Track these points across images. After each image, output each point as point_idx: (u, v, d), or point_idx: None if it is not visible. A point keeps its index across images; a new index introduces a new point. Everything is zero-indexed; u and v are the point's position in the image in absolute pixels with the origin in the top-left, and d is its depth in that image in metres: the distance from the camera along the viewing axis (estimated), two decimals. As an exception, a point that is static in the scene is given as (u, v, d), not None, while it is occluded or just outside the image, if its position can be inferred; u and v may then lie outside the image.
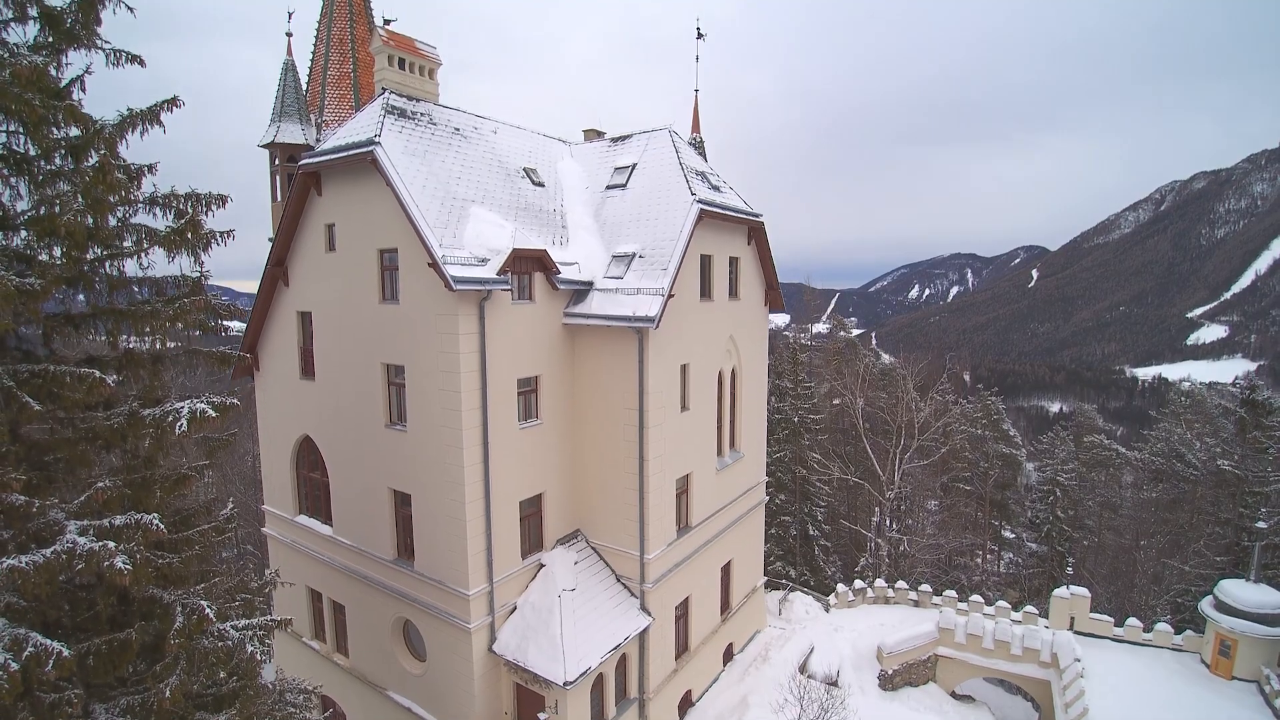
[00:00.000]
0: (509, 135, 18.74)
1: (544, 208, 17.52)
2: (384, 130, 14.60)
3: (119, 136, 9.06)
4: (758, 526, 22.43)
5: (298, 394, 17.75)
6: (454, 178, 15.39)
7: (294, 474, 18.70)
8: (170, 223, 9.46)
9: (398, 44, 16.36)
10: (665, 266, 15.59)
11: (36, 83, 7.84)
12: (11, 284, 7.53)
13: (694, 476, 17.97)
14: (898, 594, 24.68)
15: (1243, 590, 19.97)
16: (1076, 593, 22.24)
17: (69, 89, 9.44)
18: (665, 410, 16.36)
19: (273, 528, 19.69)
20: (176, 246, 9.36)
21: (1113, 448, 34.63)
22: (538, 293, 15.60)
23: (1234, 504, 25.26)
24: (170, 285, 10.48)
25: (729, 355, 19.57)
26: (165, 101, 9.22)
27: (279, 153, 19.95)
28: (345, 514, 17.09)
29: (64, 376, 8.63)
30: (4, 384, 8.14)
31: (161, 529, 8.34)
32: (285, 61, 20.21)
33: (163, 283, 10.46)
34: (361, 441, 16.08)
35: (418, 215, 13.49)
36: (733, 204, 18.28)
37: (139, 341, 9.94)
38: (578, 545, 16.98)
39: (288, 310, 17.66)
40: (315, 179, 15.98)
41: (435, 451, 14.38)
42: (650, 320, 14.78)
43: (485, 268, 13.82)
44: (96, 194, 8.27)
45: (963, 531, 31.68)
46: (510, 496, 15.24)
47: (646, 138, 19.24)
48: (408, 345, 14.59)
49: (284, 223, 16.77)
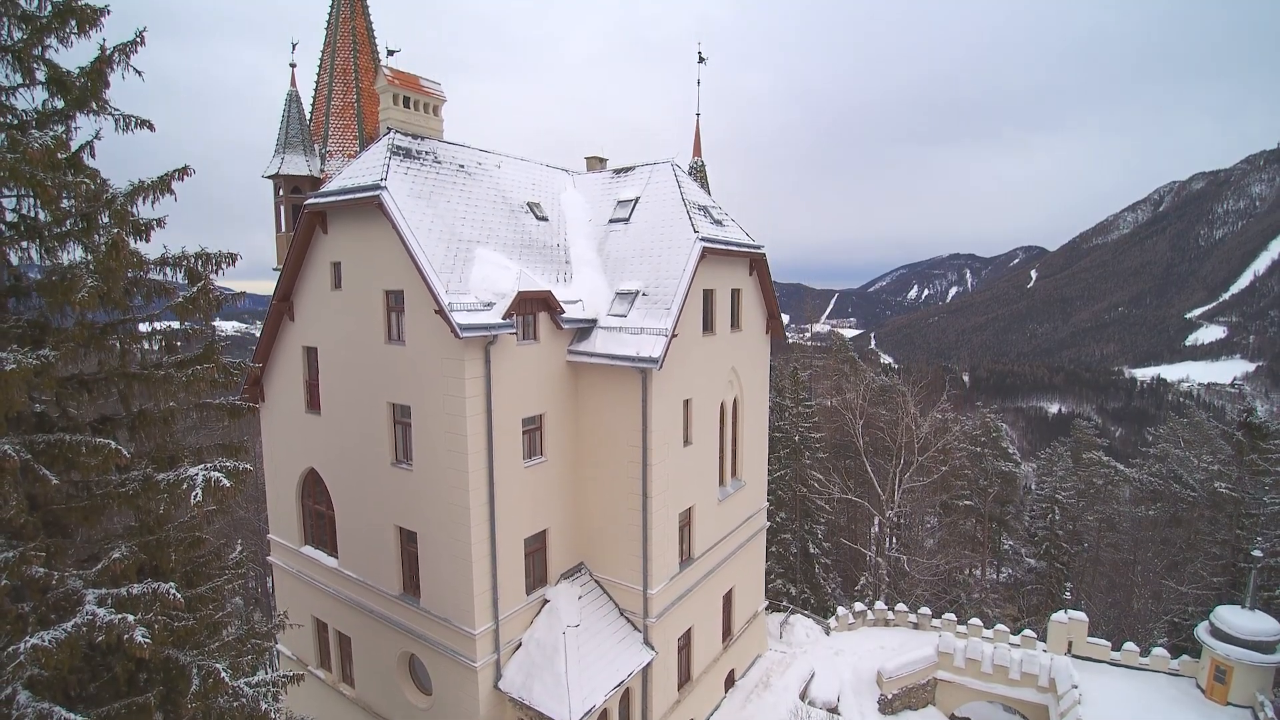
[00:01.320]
0: (512, 169, 18.88)
1: (548, 243, 17.67)
2: (390, 173, 14.74)
3: (129, 205, 9.22)
4: (759, 552, 22.62)
5: (303, 427, 17.90)
6: (459, 218, 15.54)
7: (299, 505, 18.85)
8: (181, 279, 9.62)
9: (402, 83, 16.49)
10: (669, 306, 15.74)
11: (48, 161, 7.97)
12: (29, 364, 7.69)
13: (696, 509, 18.14)
14: (898, 616, 24.88)
15: (1238, 617, 20.18)
16: (1074, 617, 22.44)
17: (79, 154, 9.60)
18: (668, 446, 16.53)
19: (278, 557, 19.83)
20: (189, 314, 9.52)
21: (1111, 465, 34.87)
22: (542, 332, 15.76)
23: (1231, 526, 25.47)
24: (180, 338, 10.65)
25: (731, 386, 19.75)
26: (176, 171, 9.38)
27: (284, 184, 20.06)
28: (351, 547, 17.26)
29: (80, 446, 8.79)
30: (21, 457, 8.27)
31: (179, 598, 8.51)
32: (289, 92, 20.33)
33: (173, 335, 10.61)
34: (367, 478, 16.24)
35: (424, 261, 13.64)
36: (735, 238, 18.44)
37: (152, 404, 10.11)
38: (581, 579, 17.15)
39: (293, 344, 17.80)
40: (321, 217, 16.13)
41: (441, 491, 14.55)
42: (654, 361, 14.94)
43: (491, 312, 13.98)
44: (109, 268, 8.42)
45: (962, 548, 31.89)
46: (515, 534, 15.40)
47: (649, 170, 19.39)
48: (413, 386, 14.74)
49: (290, 259, 16.91)
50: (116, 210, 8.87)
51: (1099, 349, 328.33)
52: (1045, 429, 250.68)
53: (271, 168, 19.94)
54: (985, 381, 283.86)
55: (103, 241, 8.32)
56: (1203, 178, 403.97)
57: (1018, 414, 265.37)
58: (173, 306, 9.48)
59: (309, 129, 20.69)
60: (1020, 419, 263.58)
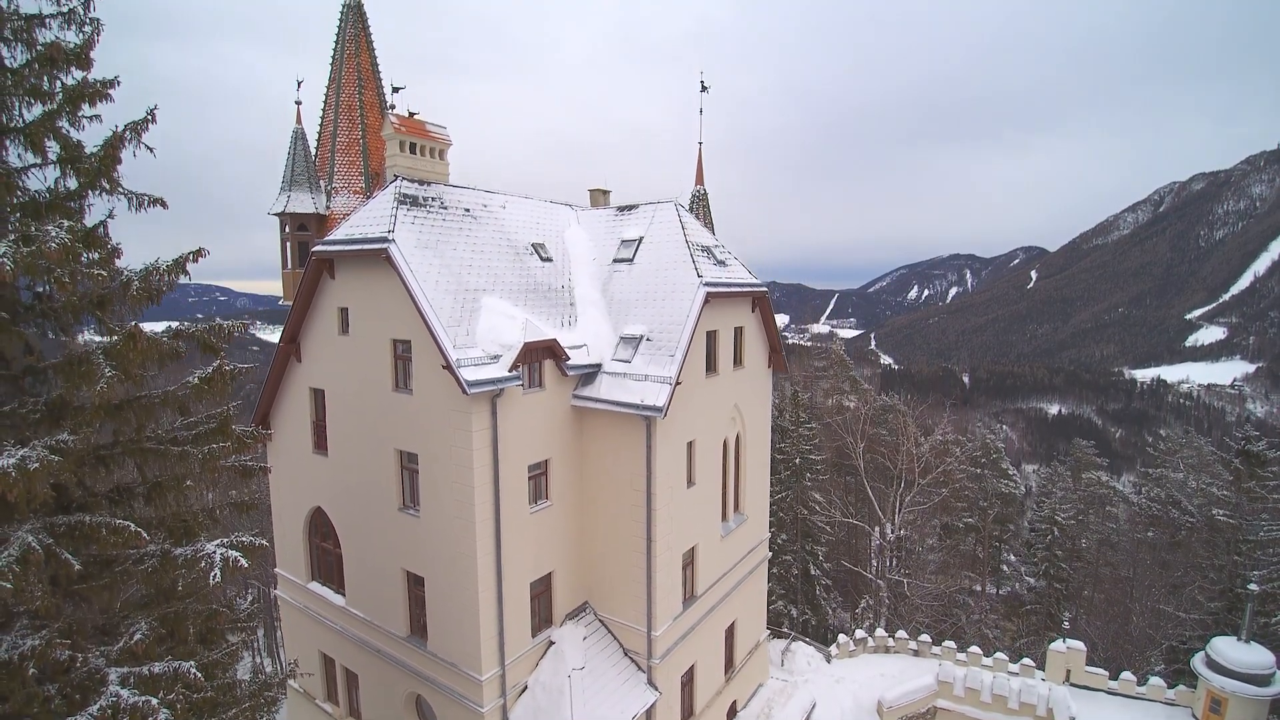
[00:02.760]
0: (517, 208, 19.06)
1: (552, 285, 17.86)
2: (397, 223, 14.92)
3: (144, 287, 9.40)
4: (761, 582, 22.83)
5: (310, 466, 18.09)
6: (465, 265, 15.73)
7: (306, 541, 19.06)
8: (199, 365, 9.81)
9: (409, 129, 16.67)
10: (672, 353, 15.94)
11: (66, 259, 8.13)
12: (52, 461, 7.88)
13: (699, 547, 18.35)
14: (898, 643, 25.11)
15: (1234, 650, 20.39)
16: (1072, 646, 22.67)
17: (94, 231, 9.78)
18: (671, 489, 16.73)
19: (285, 591, 20.04)
20: (206, 395, 9.72)
21: (1110, 485, 35.07)
22: (548, 379, 15.96)
23: (1228, 551, 25.70)
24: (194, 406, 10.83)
25: (734, 422, 19.95)
26: (192, 253, 9.58)
27: (290, 221, 20.24)
28: (358, 586, 17.47)
29: (100, 528, 8.98)
30: (44, 543, 8.47)
31: (199, 677, 8.71)
32: (295, 130, 20.51)
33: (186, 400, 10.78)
34: (374, 521, 16.44)
35: (431, 315, 13.83)
36: (737, 279, 18.63)
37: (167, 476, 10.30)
38: (586, 619, 17.36)
39: (300, 385, 17.99)
40: (328, 264, 16.31)
41: (448, 538, 14.75)
42: (658, 410, 15.14)
43: (497, 365, 14.17)
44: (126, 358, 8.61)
45: (962, 568, 32.12)
46: (521, 579, 15.61)
47: (652, 210, 19.57)
48: (420, 435, 14.94)
49: (297, 302, 17.08)
50: (134, 294, 9.08)
51: (1099, 350, 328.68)
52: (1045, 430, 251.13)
53: (278, 205, 20.12)
54: (985, 383, 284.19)
55: (119, 334, 8.51)
56: (1203, 178, 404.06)
57: (1018, 415, 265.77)
58: (189, 389, 9.65)
59: (315, 166, 20.86)
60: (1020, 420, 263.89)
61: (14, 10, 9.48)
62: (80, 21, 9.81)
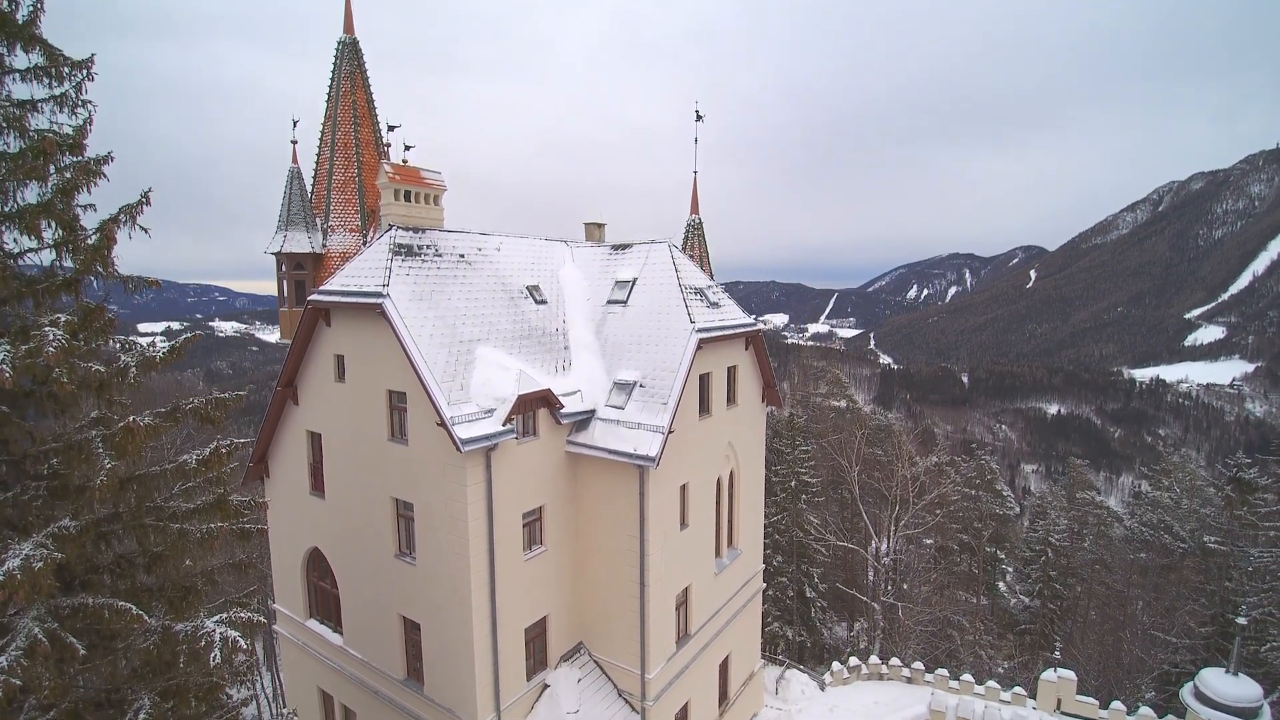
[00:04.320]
0: (512, 250, 19.22)
1: (546, 329, 18.03)
2: (391, 276, 15.08)
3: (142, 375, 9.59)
4: (755, 614, 23.04)
5: (307, 508, 18.28)
6: (460, 316, 15.89)
7: (304, 579, 19.25)
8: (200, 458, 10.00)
9: (403, 178, 16.83)
10: (665, 400, 16.13)
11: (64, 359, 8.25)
12: (55, 558, 8.06)
13: (693, 587, 18.56)
14: (891, 671, 25.34)
15: (1222, 682, 20.56)
16: (1063, 675, 22.88)
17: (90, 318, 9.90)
18: (665, 533, 16.92)
19: (284, 627, 20.24)
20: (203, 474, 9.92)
21: (1104, 505, 35.31)
22: (542, 427, 16.14)
23: (1220, 578, 25.92)
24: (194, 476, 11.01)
25: (727, 460, 20.14)
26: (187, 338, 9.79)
27: (286, 261, 20.41)
28: (356, 628, 17.66)
29: (102, 610, 9.18)
30: (48, 629, 8.65)
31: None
32: (290, 169, 20.67)
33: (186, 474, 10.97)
34: (371, 565, 16.63)
35: (426, 372, 14.00)
36: (731, 320, 18.81)
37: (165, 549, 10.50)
38: (580, 660, 17.57)
39: (298, 427, 18.17)
40: (324, 312, 16.49)
41: (443, 586, 14.94)
42: (651, 460, 15.34)
43: (492, 419, 14.36)
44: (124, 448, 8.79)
45: (956, 589, 32.37)
46: (516, 625, 15.81)
47: (646, 250, 19.73)
48: (416, 485, 15.12)
49: (294, 348, 17.26)
50: (131, 383, 9.27)
51: (1098, 349, 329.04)
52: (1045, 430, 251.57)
53: (274, 245, 20.29)
54: (984, 382, 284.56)
55: (118, 426, 8.70)
56: (1202, 178, 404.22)
57: (1017, 415, 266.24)
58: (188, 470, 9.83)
59: (311, 204, 21.03)
60: (1020, 420, 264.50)
61: (5, 96, 9.62)
62: (73, 104, 9.99)
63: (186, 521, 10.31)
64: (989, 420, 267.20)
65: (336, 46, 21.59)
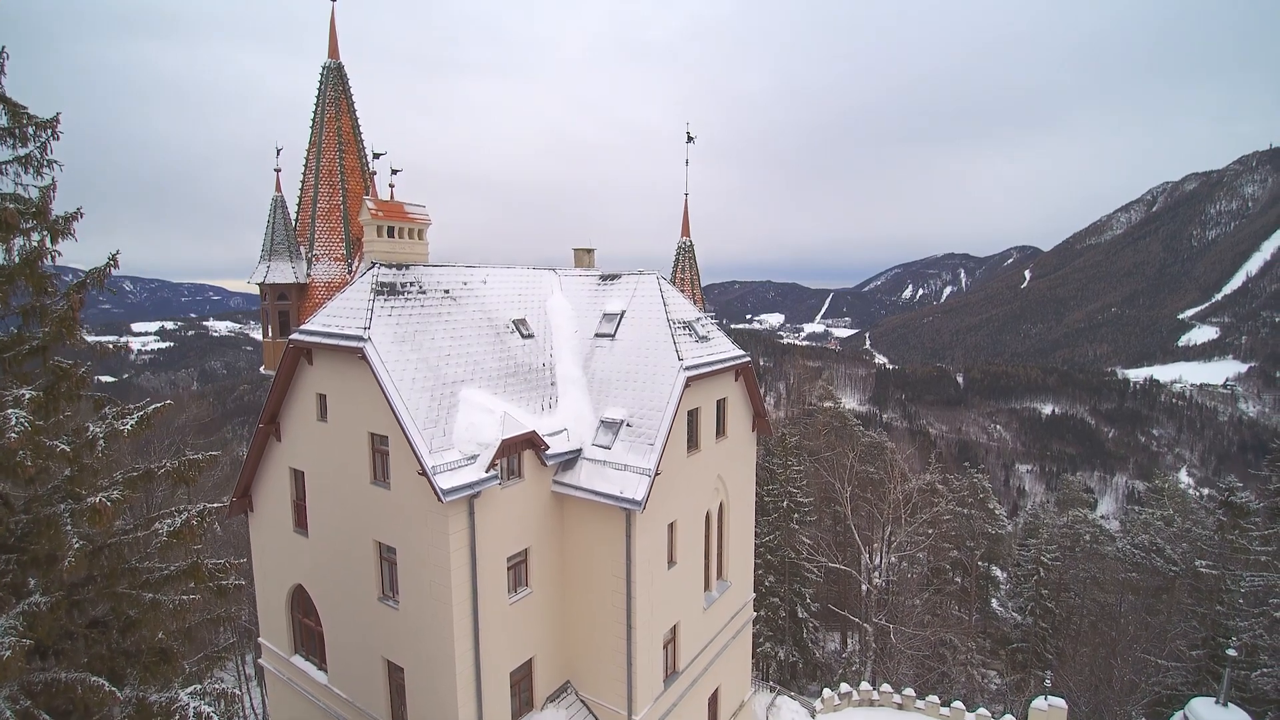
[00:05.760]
0: (499, 281, 18.98)
1: (533, 364, 17.82)
2: (373, 318, 14.82)
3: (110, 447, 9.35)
4: (745, 645, 22.88)
5: (291, 544, 18.03)
6: (443, 357, 15.66)
7: (289, 616, 19.00)
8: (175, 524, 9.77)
9: (386, 214, 16.58)
10: (652, 441, 15.93)
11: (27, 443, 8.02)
12: (24, 645, 7.82)
13: (681, 624, 18.38)
14: (882, 696, 25.23)
15: (1212, 713, 20.48)
16: (1054, 704, 22.79)
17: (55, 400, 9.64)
18: (652, 573, 16.73)
19: (269, 662, 19.99)
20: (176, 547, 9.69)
21: (1097, 524, 35.33)
22: (527, 469, 15.93)
23: (1212, 601, 25.90)
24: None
25: (716, 493, 19.97)
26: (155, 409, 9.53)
27: (270, 292, 20.13)
28: (340, 666, 17.43)
29: (74, 685, 8.95)
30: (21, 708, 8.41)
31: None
32: (274, 198, 20.39)
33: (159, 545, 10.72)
34: (354, 606, 16.39)
35: (408, 420, 13.77)
36: (719, 355, 18.62)
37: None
38: (567, 699, 17.38)
39: (280, 463, 17.91)
40: (306, 350, 16.23)
41: (427, 632, 14.72)
42: (637, 504, 15.14)
43: (475, 465, 14.14)
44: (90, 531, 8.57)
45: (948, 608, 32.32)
46: (502, 669, 15.60)
47: (635, 281, 19.52)
48: (398, 530, 14.89)
49: (275, 386, 17.00)
50: (98, 456, 9.02)
51: (1092, 349, 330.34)
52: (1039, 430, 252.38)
53: (257, 276, 20.01)
54: (979, 383, 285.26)
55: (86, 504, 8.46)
56: (1195, 178, 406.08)
57: (1011, 415, 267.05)
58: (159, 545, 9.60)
59: (295, 233, 20.74)
60: (1014, 420, 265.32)
61: None
62: (39, 165, 9.73)
63: (160, 590, 10.07)
64: (984, 420, 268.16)
65: (321, 72, 21.28)
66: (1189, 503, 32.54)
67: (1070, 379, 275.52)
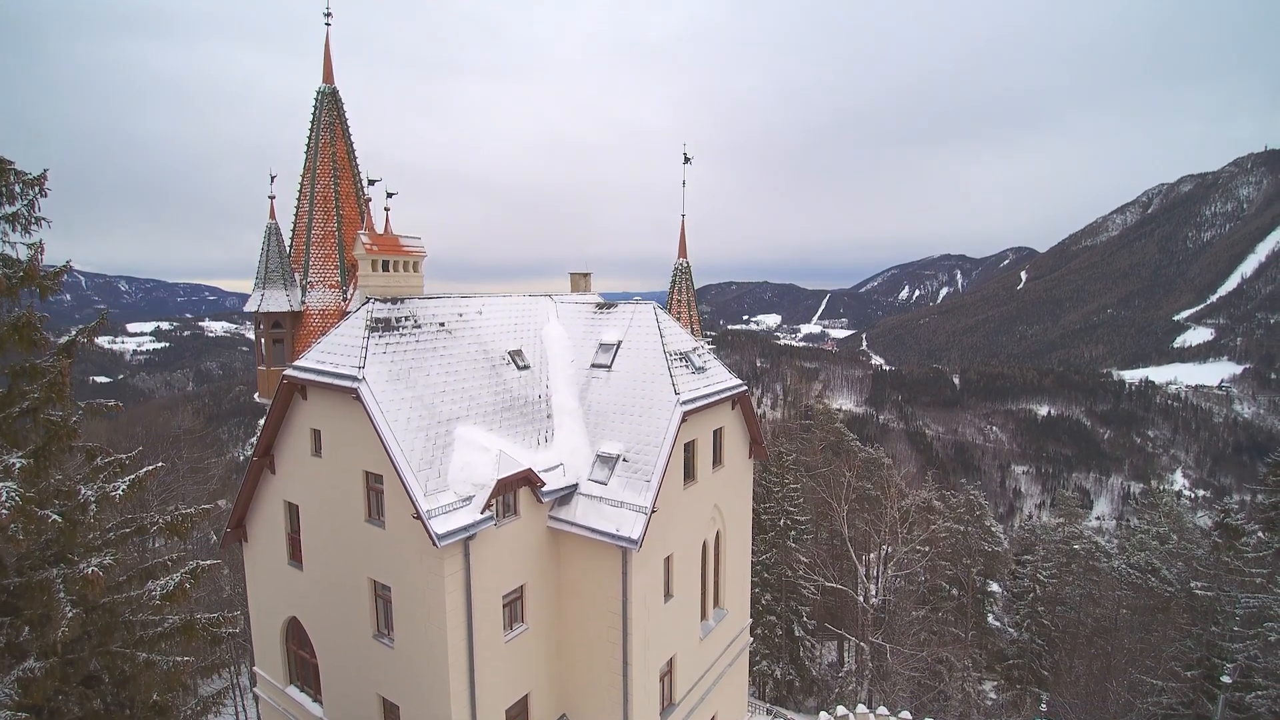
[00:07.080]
0: (495, 311, 18.89)
1: (529, 396, 17.74)
2: (368, 357, 14.74)
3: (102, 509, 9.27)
4: (742, 671, 22.85)
5: (286, 577, 17.91)
6: (439, 393, 15.58)
7: (284, 647, 18.89)
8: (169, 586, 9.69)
9: (382, 247, 16.50)
10: (649, 478, 15.87)
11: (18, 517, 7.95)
12: (20, 718, 7.73)
13: (678, 656, 18.32)
14: (879, 719, 25.21)
15: (1209, 741, 20.63)
16: (1051, 728, 22.88)
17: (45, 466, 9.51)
18: (648, 607, 16.67)
19: (264, 691, 19.87)
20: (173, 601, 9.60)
21: (1093, 540, 35.42)
22: (522, 506, 15.85)
23: (1207, 621, 25.95)
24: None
25: (713, 523, 19.91)
26: (148, 471, 9.45)
27: (264, 320, 20.01)
28: (335, 699, 17.33)
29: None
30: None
31: None
32: (268, 225, 20.27)
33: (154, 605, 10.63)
34: (349, 643, 16.30)
35: (402, 462, 13.68)
36: (717, 385, 18.56)
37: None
38: (563, 734, 17.31)
39: (274, 497, 17.80)
40: (300, 386, 16.12)
41: (422, 671, 14.64)
42: (634, 543, 15.08)
43: (470, 507, 14.06)
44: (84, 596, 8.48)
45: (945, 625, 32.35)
46: (497, 706, 15.53)
47: (631, 311, 19.45)
48: (393, 569, 14.80)
49: (269, 420, 16.89)
50: (89, 521, 8.93)
51: (1088, 351, 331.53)
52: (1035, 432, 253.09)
53: (252, 304, 19.88)
54: (975, 384, 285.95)
55: (79, 574, 8.37)
56: (1191, 180, 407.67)
57: (1007, 416, 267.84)
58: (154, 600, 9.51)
59: (289, 260, 20.61)
60: (1010, 421, 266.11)
61: None
62: (26, 222, 9.61)
63: (154, 648, 9.98)
64: (980, 422, 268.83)
65: (315, 97, 21.15)
66: (1184, 522, 32.63)
67: (1066, 380, 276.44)
